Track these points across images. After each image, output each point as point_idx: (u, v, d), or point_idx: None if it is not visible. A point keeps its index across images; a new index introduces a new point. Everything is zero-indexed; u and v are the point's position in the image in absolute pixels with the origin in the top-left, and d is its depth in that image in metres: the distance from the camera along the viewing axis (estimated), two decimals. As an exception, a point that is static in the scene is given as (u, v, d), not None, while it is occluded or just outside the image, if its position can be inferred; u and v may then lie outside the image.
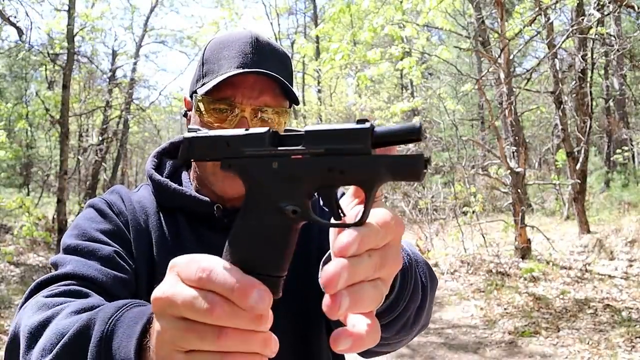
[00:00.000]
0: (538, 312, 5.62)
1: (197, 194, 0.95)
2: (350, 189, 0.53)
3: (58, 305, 0.70)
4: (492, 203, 12.91)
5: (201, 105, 0.90)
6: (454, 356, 4.75)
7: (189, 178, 1.02)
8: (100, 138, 13.98)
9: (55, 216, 9.51)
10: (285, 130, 0.53)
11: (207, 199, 0.94)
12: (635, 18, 14.28)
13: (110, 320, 0.59)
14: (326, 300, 0.43)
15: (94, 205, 0.95)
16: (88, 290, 0.77)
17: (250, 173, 0.48)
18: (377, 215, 0.46)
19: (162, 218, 0.95)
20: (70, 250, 0.85)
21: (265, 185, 0.47)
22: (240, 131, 0.49)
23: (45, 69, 12.36)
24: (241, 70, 0.87)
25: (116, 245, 0.87)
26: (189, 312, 0.44)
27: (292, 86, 0.95)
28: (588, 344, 4.64)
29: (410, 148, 7.12)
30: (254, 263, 0.47)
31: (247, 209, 0.48)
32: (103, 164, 14.24)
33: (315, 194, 0.47)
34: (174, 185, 0.96)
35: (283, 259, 0.48)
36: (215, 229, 0.94)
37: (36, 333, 0.66)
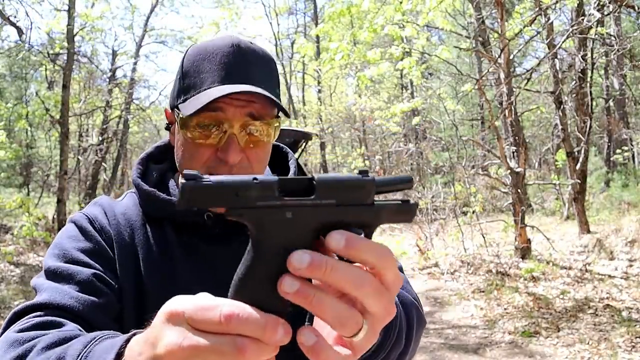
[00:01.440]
0: (538, 312, 5.62)
1: None
2: None
3: (30, 340, 0.69)
4: (492, 203, 12.91)
5: (187, 118, 0.85)
6: (454, 356, 4.75)
7: (177, 186, 0.98)
8: (100, 138, 13.99)
9: (55, 216, 9.52)
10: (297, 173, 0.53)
11: (197, 208, 0.92)
12: (635, 18, 14.28)
13: (79, 356, 0.59)
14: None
15: (75, 222, 0.91)
16: (62, 320, 0.75)
17: (264, 223, 0.49)
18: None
19: (149, 230, 0.92)
20: (49, 273, 0.83)
21: (277, 232, 0.48)
22: (248, 179, 0.48)
23: (45, 69, 12.38)
24: (227, 91, 0.81)
25: (97, 265, 0.84)
26: (217, 358, 0.45)
27: (278, 92, 0.92)
28: (588, 344, 4.64)
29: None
30: (270, 302, 0.48)
31: (258, 254, 0.49)
32: (103, 164, 14.25)
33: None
34: (162, 195, 0.92)
35: None
36: (205, 238, 0.91)
37: None
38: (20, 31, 9.32)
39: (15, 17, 9.38)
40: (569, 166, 9.02)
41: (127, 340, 0.54)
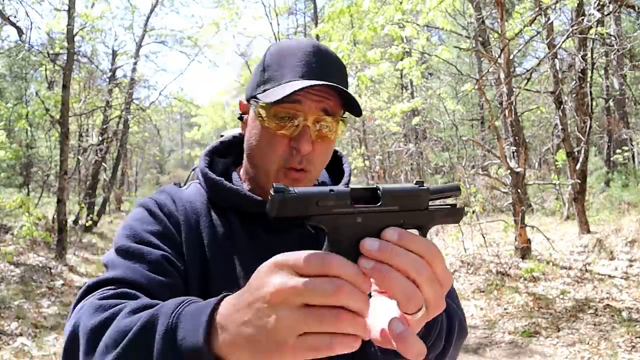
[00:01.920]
0: (538, 312, 5.62)
1: (251, 194, 0.97)
2: None
3: (115, 306, 0.72)
4: (492, 203, 12.91)
5: (262, 111, 0.91)
6: (454, 356, 4.75)
7: (239, 178, 1.04)
8: (100, 138, 13.98)
9: (55, 216, 9.51)
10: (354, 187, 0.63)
11: (260, 198, 0.96)
12: (635, 18, 14.28)
13: (173, 314, 0.63)
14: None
15: (144, 205, 0.96)
16: (137, 293, 0.79)
17: (339, 226, 0.57)
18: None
19: (214, 217, 0.96)
20: (121, 252, 0.87)
21: (349, 233, 0.57)
22: (326, 191, 0.57)
23: (45, 69, 12.36)
24: (309, 83, 0.87)
25: (166, 248, 0.88)
26: (316, 297, 0.52)
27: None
28: (588, 344, 4.64)
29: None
30: None
31: (332, 250, 0.57)
32: (103, 164, 14.25)
33: None
34: (229, 185, 0.97)
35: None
36: (267, 228, 0.95)
37: (98, 333, 0.68)
38: (20, 31, 9.32)
39: (15, 17, 9.38)
40: (569, 166, 9.02)
41: (220, 300, 0.61)
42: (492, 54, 8.54)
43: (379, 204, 0.59)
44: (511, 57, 7.81)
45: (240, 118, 1.02)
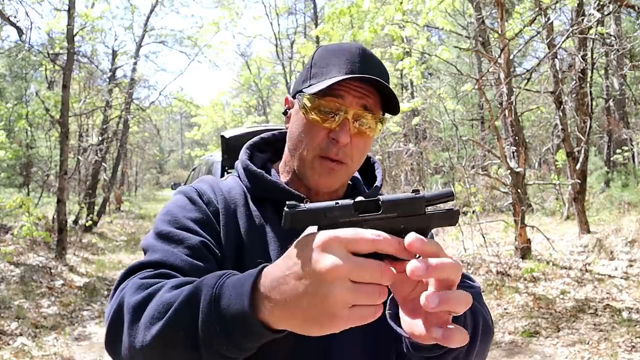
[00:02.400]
0: (538, 312, 5.62)
1: (289, 187, 1.02)
2: None
3: (156, 284, 0.76)
4: (492, 203, 12.91)
5: (307, 103, 0.96)
6: (454, 356, 4.75)
7: (277, 172, 1.09)
8: (100, 138, 13.97)
9: (55, 216, 9.50)
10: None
11: (298, 192, 1.01)
12: (635, 18, 14.28)
13: (216, 285, 0.67)
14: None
15: (185, 193, 1.00)
16: (177, 274, 0.83)
17: None
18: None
19: (251, 207, 1.01)
20: (162, 235, 0.91)
21: None
22: (332, 204, 0.64)
23: (45, 69, 12.35)
24: (350, 76, 0.92)
25: (205, 234, 0.92)
26: (367, 277, 0.58)
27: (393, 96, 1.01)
28: (588, 344, 4.64)
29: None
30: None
31: None
32: (103, 164, 14.23)
33: None
34: (269, 177, 1.02)
35: None
36: None
37: (142, 306, 0.72)
38: (20, 31, 9.30)
39: (15, 17, 9.36)
40: (569, 166, 9.02)
41: (260, 270, 0.65)
42: (492, 54, 8.54)
43: (380, 212, 0.66)
44: (511, 57, 7.81)
45: (285, 113, 1.08)
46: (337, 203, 0.64)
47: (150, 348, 0.69)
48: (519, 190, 7.78)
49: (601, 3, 6.63)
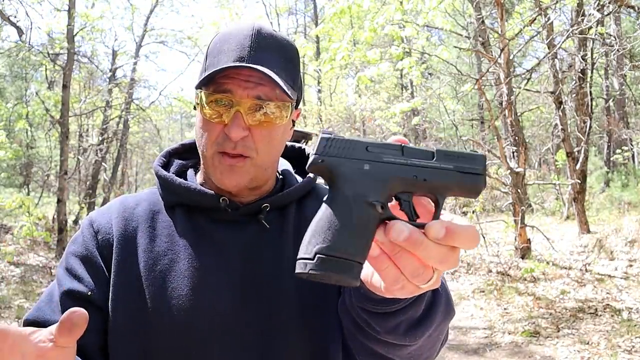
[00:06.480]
0: (538, 312, 5.62)
1: (201, 187, 0.95)
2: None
3: None
4: (492, 203, 12.91)
5: (202, 97, 0.90)
6: (453, 356, 4.75)
7: (194, 177, 1.02)
8: (100, 138, 13.97)
9: (55, 216, 9.51)
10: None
11: (211, 191, 0.94)
12: (635, 18, 14.27)
13: None
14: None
15: (82, 223, 0.98)
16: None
17: (344, 171, 0.58)
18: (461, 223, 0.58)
19: (159, 219, 0.95)
20: (62, 270, 0.93)
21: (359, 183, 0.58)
22: (376, 140, 0.59)
23: (45, 69, 12.36)
24: (229, 65, 0.85)
25: (83, 274, 0.91)
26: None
27: (295, 81, 0.93)
28: (588, 344, 4.64)
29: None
30: (343, 247, 0.55)
31: (337, 199, 0.57)
32: (103, 164, 14.23)
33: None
34: (179, 180, 0.95)
35: (367, 248, 0.56)
36: (217, 221, 0.93)
37: None
38: (20, 31, 9.31)
39: (15, 17, 9.37)
40: (569, 166, 9.02)
41: None
42: (492, 54, 8.53)
43: (432, 160, 0.60)
44: (511, 57, 7.81)
45: (195, 108, 0.99)
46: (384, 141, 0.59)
47: None
48: (519, 190, 7.78)
49: (601, 3, 6.63)
